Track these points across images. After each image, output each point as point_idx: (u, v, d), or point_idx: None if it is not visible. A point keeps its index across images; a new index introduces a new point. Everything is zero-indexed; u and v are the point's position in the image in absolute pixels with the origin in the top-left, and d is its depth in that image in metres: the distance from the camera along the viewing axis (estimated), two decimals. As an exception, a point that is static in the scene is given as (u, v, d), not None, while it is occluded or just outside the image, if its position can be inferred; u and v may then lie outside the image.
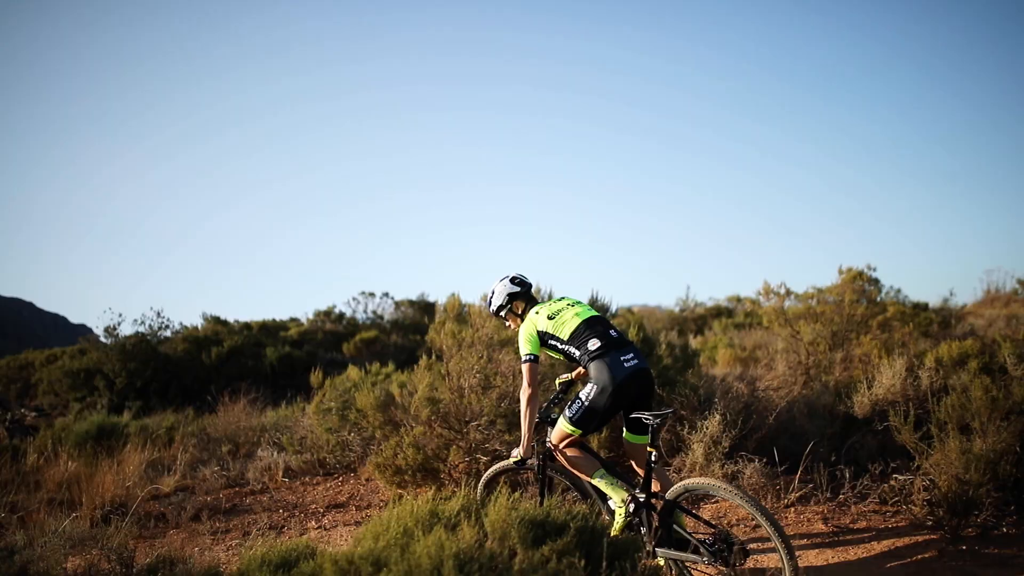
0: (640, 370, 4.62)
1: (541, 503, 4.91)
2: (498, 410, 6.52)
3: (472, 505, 3.53)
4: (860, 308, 7.72)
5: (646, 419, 4.42)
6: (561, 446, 4.85)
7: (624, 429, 4.86)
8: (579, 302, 5.14)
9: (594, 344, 4.66)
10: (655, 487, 4.58)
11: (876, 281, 7.95)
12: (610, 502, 4.74)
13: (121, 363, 16.23)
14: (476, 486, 5.57)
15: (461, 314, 7.77)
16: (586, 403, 4.61)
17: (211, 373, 16.58)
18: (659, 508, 4.47)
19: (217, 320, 19.93)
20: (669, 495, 4.40)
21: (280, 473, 8.33)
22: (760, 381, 7.25)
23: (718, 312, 21.41)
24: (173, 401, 15.40)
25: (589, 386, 4.65)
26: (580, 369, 5.10)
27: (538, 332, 4.92)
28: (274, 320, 21.45)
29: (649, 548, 4.41)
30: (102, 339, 17.52)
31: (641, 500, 4.52)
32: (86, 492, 7.40)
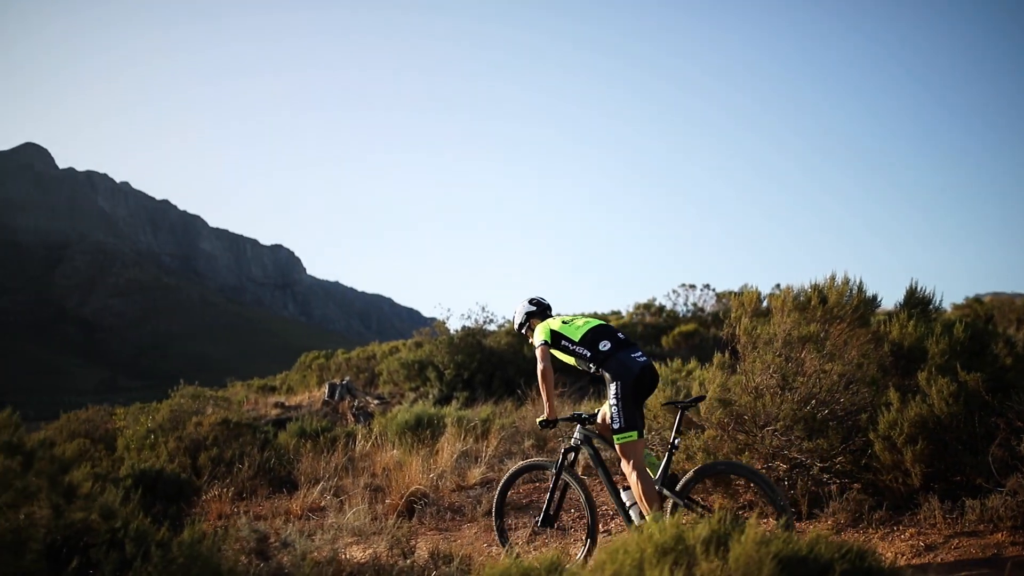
0: (650, 366, 5.27)
1: (548, 503, 5.66)
2: (798, 413, 6.01)
3: (723, 532, 3.15)
4: None
5: (679, 404, 5.25)
6: (635, 470, 5.05)
7: None
8: (591, 318, 5.70)
9: (604, 345, 5.30)
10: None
11: None
12: (636, 515, 5.09)
13: (449, 355, 17.38)
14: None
15: (760, 308, 7.29)
16: (619, 403, 5.08)
17: (532, 365, 17.21)
18: (675, 492, 4.97)
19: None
20: (688, 481, 5.01)
21: (581, 470, 8.38)
22: None
23: (1097, 299, 18.29)
24: (496, 392, 16.18)
25: (612, 387, 5.14)
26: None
27: (552, 331, 5.56)
28: (594, 313, 21.84)
29: None
30: (439, 331, 18.93)
31: (657, 489, 5.00)
32: (395, 480, 7.95)
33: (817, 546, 3.04)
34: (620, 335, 5.44)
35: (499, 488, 5.99)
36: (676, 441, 5.19)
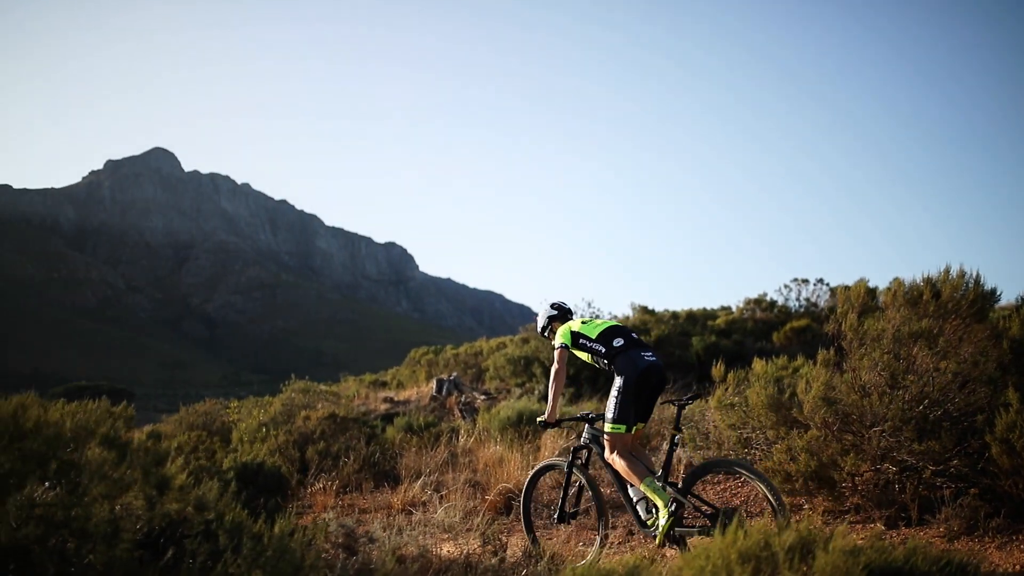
0: (657, 366, 5.51)
1: (563, 499, 5.98)
2: (908, 414, 5.74)
3: (812, 540, 2.98)
4: None
5: (677, 403, 5.40)
6: (616, 455, 5.41)
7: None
8: (608, 320, 6.10)
9: (618, 342, 5.61)
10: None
11: None
12: (644, 509, 5.39)
13: (555, 351, 17.36)
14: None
15: (869, 304, 7.00)
16: (619, 396, 5.39)
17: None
18: (677, 489, 5.08)
19: (645, 310, 20.47)
20: (688, 477, 5.15)
21: (682, 469, 8.25)
22: None
23: None
24: (601, 389, 16.07)
25: (616, 381, 5.47)
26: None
27: (571, 332, 5.91)
28: (703, 309, 21.46)
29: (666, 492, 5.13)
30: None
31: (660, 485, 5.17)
32: (494, 476, 7.99)
33: (914, 557, 2.89)
34: (634, 335, 5.79)
35: (524, 491, 6.22)
36: (677, 437, 5.42)
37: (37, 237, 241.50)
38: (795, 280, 21.31)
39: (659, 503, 5.08)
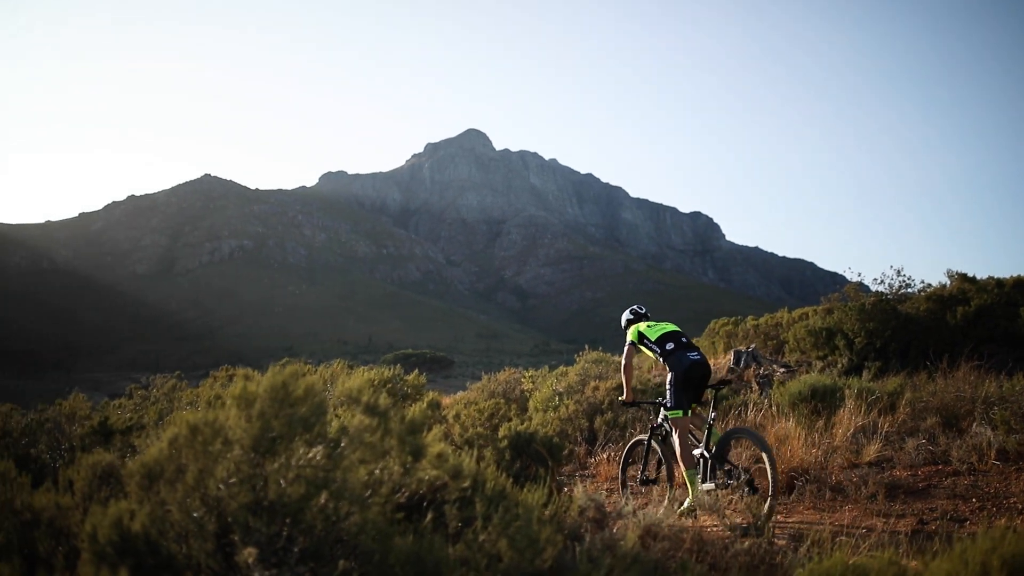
0: (701, 363, 6.97)
1: (644, 467, 7.44)
2: None
3: None
4: None
5: (711, 388, 7.00)
6: (677, 436, 6.79)
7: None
8: (669, 324, 7.46)
9: (670, 345, 7.09)
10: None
11: None
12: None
13: (860, 323, 16.36)
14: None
15: None
16: (672, 388, 6.89)
17: (955, 335, 15.60)
18: (711, 455, 6.54)
19: (964, 277, 18.59)
20: (719, 444, 6.58)
21: (992, 455, 7.49)
22: None
23: None
24: (912, 363, 14.93)
25: (669, 375, 6.96)
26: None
27: (639, 332, 7.37)
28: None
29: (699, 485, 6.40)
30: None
31: (699, 453, 6.64)
32: (778, 453, 7.70)
33: None
34: (684, 339, 7.20)
35: (622, 459, 7.85)
36: (712, 416, 6.84)
37: (368, 217, 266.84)
38: None
39: (690, 491, 6.50)
